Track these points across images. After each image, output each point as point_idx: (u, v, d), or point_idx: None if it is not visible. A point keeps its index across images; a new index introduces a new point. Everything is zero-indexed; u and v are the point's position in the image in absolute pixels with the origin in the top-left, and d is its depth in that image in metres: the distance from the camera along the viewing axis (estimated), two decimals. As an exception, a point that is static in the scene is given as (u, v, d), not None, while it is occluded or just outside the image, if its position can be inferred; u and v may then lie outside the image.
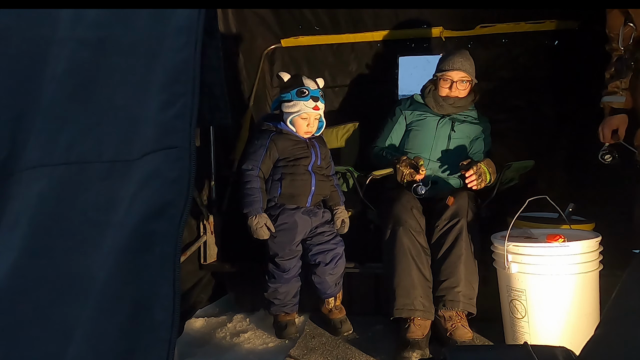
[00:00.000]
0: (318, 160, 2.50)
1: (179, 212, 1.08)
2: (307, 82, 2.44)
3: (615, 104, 2.33)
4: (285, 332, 2.50)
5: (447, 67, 2.74)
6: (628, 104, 2.32)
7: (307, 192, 2.45)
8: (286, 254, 2.44)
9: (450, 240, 2.37)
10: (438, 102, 2.81)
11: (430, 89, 2.84)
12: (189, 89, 1.09)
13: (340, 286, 2.54)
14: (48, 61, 1.11)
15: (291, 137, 2.47)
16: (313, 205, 2.50)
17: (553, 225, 2.41)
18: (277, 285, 2.47)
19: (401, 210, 2.45)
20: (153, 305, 1.08)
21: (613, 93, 2.34)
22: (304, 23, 3.35)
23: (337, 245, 2.49)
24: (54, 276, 1.12)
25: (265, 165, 2.43)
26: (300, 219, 2.43)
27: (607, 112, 2.37)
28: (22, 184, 1.13)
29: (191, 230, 2.73)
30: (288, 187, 2.43)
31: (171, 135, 1.10)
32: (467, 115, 2.84)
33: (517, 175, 2.82)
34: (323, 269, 2.44)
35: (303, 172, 2.45)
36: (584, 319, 2.04)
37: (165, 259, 1.09)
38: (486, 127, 2.89)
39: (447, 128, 2.80)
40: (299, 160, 2.45)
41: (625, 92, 2.32)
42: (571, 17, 3.09)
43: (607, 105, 2.38)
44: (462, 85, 2.75)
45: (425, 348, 2.24)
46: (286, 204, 2.44)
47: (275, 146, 2.44)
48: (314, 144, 2.52)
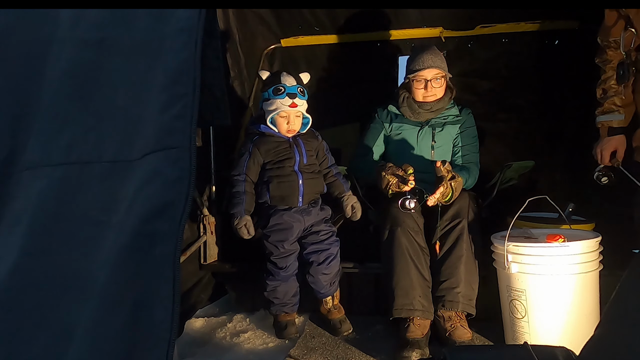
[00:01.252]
0: (304, 159, 2.47)
1: (179, 212, 1.09)
2: (286, 78, 2.41)
3: (615, 122, 2.24)
4: (285, 332, 2.50)
5: (418, 66, 2.58)
6: (627, 121, 2.23)
7: (296, 192, 2.44)
8: (281, 252, 2.44)
9: (451, 241, 2.36)
10: (414, 110, 2.67)
11: (404, 97, 2.69)
12: (190, 89, 1.09)
13: (336, 286, 2.54)
14: (48, 61, 1.11)
15: (274, 138, 2.46)
16: (307, 204, 2.48)
17: (553, 225, 2.41)
18: (276, 284, 2.47)
19: (398, 210, 2.45)
20: (153, 305, 1.08)
21: (610, 111, 2.25)
22: (304, 23, 3.35)
23: (331, 245, 2.47)
24: (54, 276, 1.12)
25: (250, 170, 2.45)
26: (292, 218, 2.42)
27: (604, 133, 2.28)
28: (22, 184, 1.13)
29: (191, 230, 2.74)
30: (276, 190, 2.43)
31: (172, 136, 1.10)
32: (447, 115, 2.71)
33: (517, 175, 2.81)
34: (316, 268, 2.44)
35: (289, 173, 2.44)
36: (584, 319, 2.04)
37: (165, 259, 1.09)
38: (469, 119, 2.74)
39: (427, 139, 2.68)
40: (283, 162, 2.44)
41: (622, 109, 2.22)
42: (571, 17, 3.09)
43: (605, 125, 2.28)
44: (437, 82, 2.60)
45: (425, 348, 2.24)
46: (278, 206, 2.44)
47: (258, 151, 2.45)
48: (298, 143, 2.48)
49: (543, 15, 3.14)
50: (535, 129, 3.34)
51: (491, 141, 2.99)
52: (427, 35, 3.34)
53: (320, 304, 2.56)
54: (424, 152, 2.69)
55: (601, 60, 2.30)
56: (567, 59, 3.20)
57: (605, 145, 2.27)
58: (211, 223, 2.81)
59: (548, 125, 3.32)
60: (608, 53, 2.25)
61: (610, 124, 2.26)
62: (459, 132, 2.71)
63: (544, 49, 3.26)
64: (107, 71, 1.11)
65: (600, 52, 2.30)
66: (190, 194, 1.10)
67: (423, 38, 3.36)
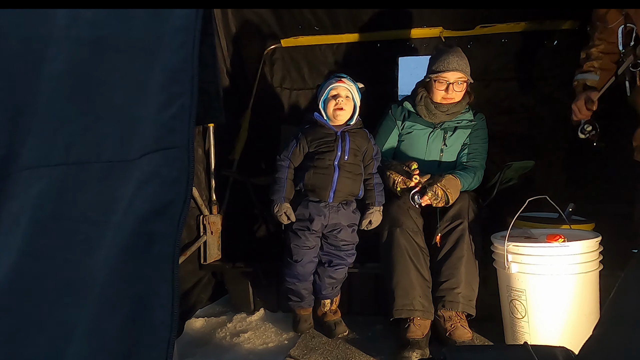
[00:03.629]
0: (345, 155, 2.47)
1: (178, 212, 1.09)
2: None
3: (590, 81, 2.36)
4: (299, 326, 2.54)
5: (443, 67, 2.53)
6: (601, 83, 2.33)
7: (328, 186, 2.44)
8: (302, 242, 2.45)
9: (451, 242, 2.36)
10: (431, 111, 2.64)
11: (422, 96, 2.65)
12: (188, 89, 1.09)
13: (337, 291, 2.56)
14: (46, 61, 1.11)
15: (323, 129, 2.51)
16: (338, 202, 2.47)
17: (553, 225, 2.41)
18: (294, 280, 2.49)
19: (397, 211, 2.45)
20: (153, 305, 1.08)
21: (588, 71, 2.37)
22: (304, 23, 3.35)
23: (348, 257, 2.50)
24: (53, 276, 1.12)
25: (295, 156, 2.53)
26: (318, 211, 2.44)
27: (580, 90, 2.40)
28: (21, 185, 1.13)
29: (191, 230, 2.74)
30: (310, 179, 2.46)
31: (170, 136, 1.10)
32: (461, 119, 2.68)
33: (517, 175, 2.81)
34: (325, 269, 2.47)
35: (327, 165, 2.46)
36: (584, 319, 2.04)
37: (164, 259, 1.09)
38: (481, 124, 2.73)
39: (438, 142, 2.66)
40: (325, 153, 2.47)
41: (600, 71, 2.35)
42: (571, 17, 3.09)
43: (580, 83, 2.40)
44: (459, 86, 2.57)
45: (425, 348, 2.24)
46: (310, 196, 2.47)
47: (305, 139, 2.51)
48: (345, 138, 2.50)
49: (543, 15, 3.13)
50: (535, 128, 3.34)
51: (490, 141, 2.97)
52: (427, 35, 3.34)
53: (317, 305, 2.57)
54: (433, 153, 2.68)
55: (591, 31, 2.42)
56: (567, 59, 3.19)
57: (579, 98, 2.37)
58: (211, 223, 2.81)
59: (548, 125, 3.31)
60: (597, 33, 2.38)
61: (585, 81, 2.38)
62: (474, 134, 2.70)
63: (544, 49, 3.25)
64: (104, 71, 1.11)
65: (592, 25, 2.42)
66: (188, 193, 1.10)
67: (423, 38, 3.37)
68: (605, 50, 2.35)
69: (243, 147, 3.15)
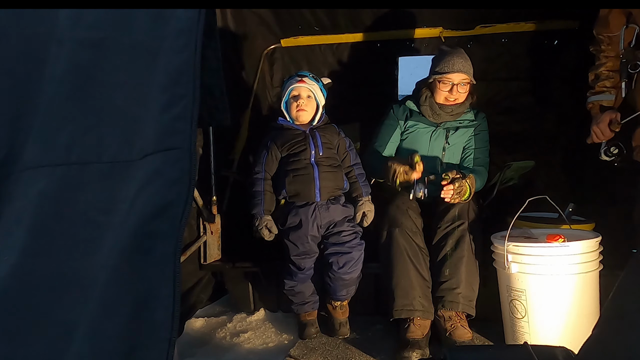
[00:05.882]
0: (319, 151, 2.45)
1: (180, 213, 1.09)
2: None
3: (606, 102, 2.32)
4: (305, 332, 2.48)
5: (447, 69, 2.53)
6: (617, 102, 2.29)
7: (312, 186, 2.40)
8: (301, 251, 2.40)
9: (452, 242, 2.37)
10: (435, 111, 2.64)
11: (427, 96, 2.65)
12: (190, 90, 1.09)
13: (353, 291, 2.48)
14: (47, 61, 1.11)
15: (290, 131, 2.47)
16: (326, 200, 2.43)
17: (553, 225, 2.41)
18: (293, 284, 2.45)
19: (396, 211, 2.45)
20: (153, 305, 1.08)
21: (601, 92, 2.33)
22: (303, 23, 3.35)
23: (353, 249, 2.39)
24: (54, 277, 1.12)
25: (269, 165, 2.46)
26: (310, 214, 2.39)
27: (596, 112, 2.34)
28: (21, 185, 1.13)
29: (191, 230, 2.74)
30: (291, 184, 2.42)
31: (172, 137, 1.10)
32: (463, 119, 2.70)
33: (517, 175, 2.82)
34: (335, 272, 2.37)
35: (304, 165, 2.42)
36: (584, 319, 2.05)
37: (165, 259, 1.09)
38: (483, 123, 2.74)
39: (440, 140, 2.67)
40: (299, 154, 2.44)
41: (613, 90, 2.30)
42: (571, 17, 3.09)
43: (596, 105, 2.35)
44: (463, 88, 2.57)
45: (425, 348, 2.24)
46: (295, 201, 2.42)
47: (275, 145, 2.45)
48: (314, 134, 2.48)
49: (543, 15, 3.14)
50: (535, 128, 3.34)
51: (491, 141, 2.97)
52: (427, 35, 3.35)
53: (328, 300, 2.52)
54: (435, 153, 2.68)
55: (596, 49, 2.36)
56: (566, 59, 3.20)
57: (600, 119, 2.28)
58: (211, 223, 2.81)
59: (548, 125, 3.32)
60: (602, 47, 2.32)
61: (601, 103, 2.33)
62: (472, 135, 2.71)
63: (544, 49, 3.26)
64: (106, 71, 1.11)
65: (595, 43, 2.35)
66: (190, 194, 1.10)
67: (423, 38, 3.37)
68: (614, 68, 2.30)
69: (243, 147, 3.16)
